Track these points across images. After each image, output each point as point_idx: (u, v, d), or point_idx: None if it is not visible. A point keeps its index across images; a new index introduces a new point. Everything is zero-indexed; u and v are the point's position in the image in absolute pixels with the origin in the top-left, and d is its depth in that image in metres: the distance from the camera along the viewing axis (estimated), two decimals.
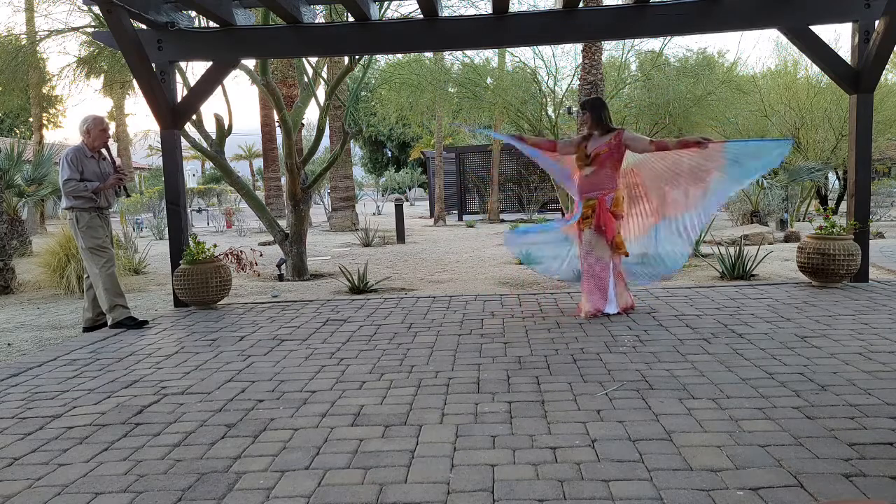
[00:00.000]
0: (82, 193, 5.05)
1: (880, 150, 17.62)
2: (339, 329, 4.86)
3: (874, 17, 5.65)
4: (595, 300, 4.90)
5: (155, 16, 5.64)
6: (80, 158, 5.10)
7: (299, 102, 8.64)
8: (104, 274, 5.08)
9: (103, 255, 5.12)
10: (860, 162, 5.93)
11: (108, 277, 5.10)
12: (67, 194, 5.05)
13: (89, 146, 5.16)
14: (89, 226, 5.09)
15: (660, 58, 14.84)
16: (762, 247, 8.52)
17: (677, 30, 6.11)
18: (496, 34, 6.02)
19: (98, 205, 5.15)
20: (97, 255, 5.10)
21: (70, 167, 5.04)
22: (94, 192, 5.09)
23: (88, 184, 5.08)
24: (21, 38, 13.88)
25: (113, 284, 5.14)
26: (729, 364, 3.58)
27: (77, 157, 5.08)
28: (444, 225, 18.43)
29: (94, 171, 5.16)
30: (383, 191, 38.33)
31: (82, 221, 5.08)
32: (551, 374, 3.51)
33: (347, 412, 3.05)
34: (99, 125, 5.19)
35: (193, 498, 2.26)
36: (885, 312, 4.70)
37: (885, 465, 2.30)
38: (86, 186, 5.06)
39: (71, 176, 5.02)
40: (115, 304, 5.13)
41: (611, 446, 2.54)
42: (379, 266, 8.97)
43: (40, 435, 2.91)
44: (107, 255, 5.15)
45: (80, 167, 5.07)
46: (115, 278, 5.20)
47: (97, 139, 5.18)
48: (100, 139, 5.21)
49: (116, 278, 5.22)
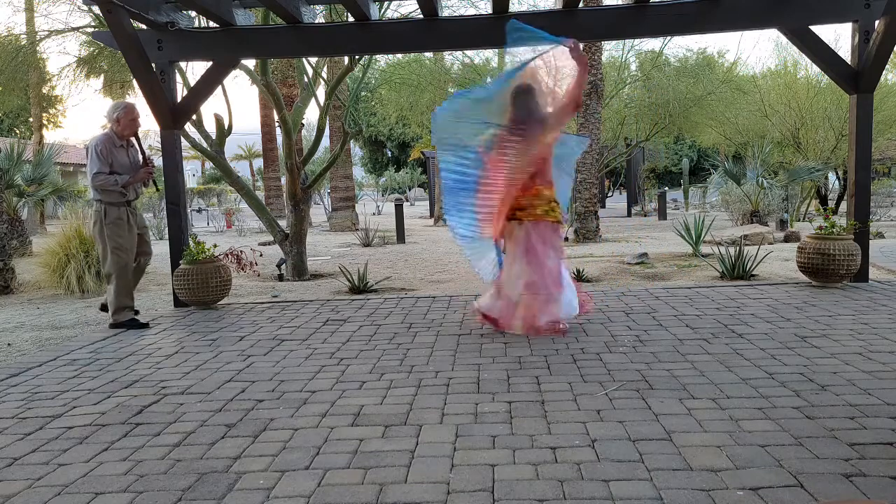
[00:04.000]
0: (112, 187, 4.83)
1: (880, 150, 17.63)
2: (339, 329, 4.86)
3: (874, 17, 5.65)
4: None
5: (155, 16, 5.64)
6: (110, 149, 4.85)
7: (299, 102, 8.65)
8: (119, 275, 4.98)
9: (122, 256, 4.98)
10: (860, 162, 5.93)
11: (121, 279, 4.99)
12: (96, 188, 4.84)
13: (118, 134, 4.93)
14: (116, 223, 4.91)
15: (660, 58, 14.86)
16: (762, 247, 8.52)
17: (677, 30, 6.10)
18: (496, 34, 5.98)
19: (127, 198, 4.95)
20: (116, 254, 4.95)
21: (99, 159, 4.80)
22: (123, 186, 4.87)
23: (118, 177, 4.85)
24: (21, 38, 13.86)
25: (124, 286, 5.04)
26: (729, 364, 3.58)
27: (107, 148, 4.84)
28: (444, 225, 18.42)
29: (124, 163, 4.93)
30: (383, 191, 38.32)
31: (110, 217, 4.89)
32: (551, 374, 3.51)
33: (347, 412, 3.05)
34: (130, 113, 4.95)
35: (193, 498, 2.26)
36: (885, 312, 4.70)
37: (885, 465, 2.30)
38: (115, 180, 4.83)
39: (100, 169, 4.79)
40: (122, 305, 5.05)
41: (611, 446, 2.54)
42: (379, 266, 8.97)
43: (40, 435, 2.91)
44: (125, 258, 5.00)
45: (109, 159, 4.83)
46: (129, 281, 5.08)
47: (127, 128, 4.95)
48: (129, 128, 4.97)
49: (130, 280, 5.10)
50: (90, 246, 7.27)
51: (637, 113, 15.65)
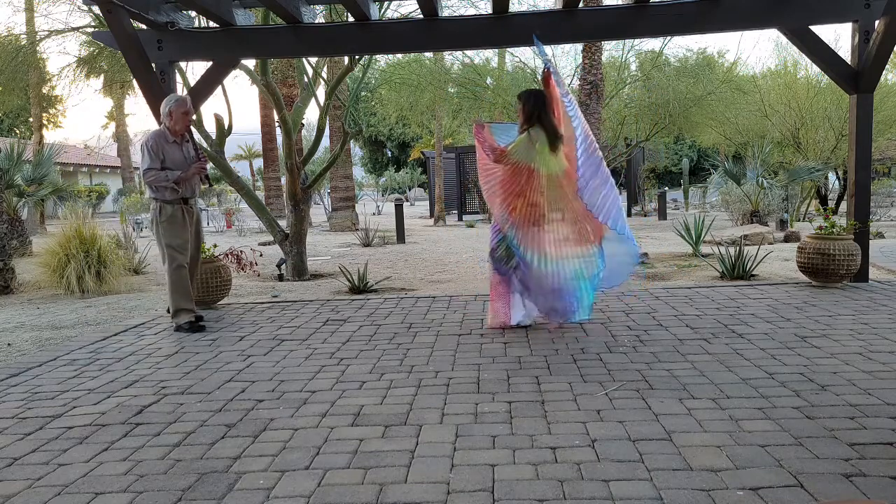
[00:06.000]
0: (164, 184, 4.72)
1: (880, 150, 17.63)
2: (339, 329, 4.86)
3: (874, 17, 5.65)
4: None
5: (155, 16, 5.64)
6: (161, 145, 4.73)
7: (299, 102, 8.64)
8: (173, 275, 4.86)
9: (176, 256, 4.84)
10: (860, 162, 5.93)
11: (175, 279, 4.86)
12: (148, 185, 4.75)
13: (171, 130, 4.80)
14: (170, 221, 4.80)
15: (660, 58, 14.84)
16: (762, 247, 8.52)
17: (677, 30, 6.10)
18: (496, 34, 6.02)
19: (182, 195, 4.84)
20: (170, 253, 4.84)
21: (150, 155, 4.69)
22: (175, 182, 4.75)
23: (170, 173, 4.73)
24: (21, 38, 13.87)
25: (180, 287, 4.88)
26: (729, 364, 3.58)
27: (158, 144, 4.72)
28: (444, 225, 18.42)
29: (177, 159, 4.80)
30: (383, 191, 38.30)
31: (164, 214, 4.80)
32: (551, 374, 3.51)
33: (347, 412, 3.05)
34: (181, 107, 4.81)
35: (193, 498, 2.26)
36: (885, 312, 4.70)
37: (885, 465, 2.30)
38: (167, 176, 4.71)
39: (151, 165, 4.68)
40: (179, 307, 4.92)
41: (611, 446, 2.54)
42: (379, 266, 8.96)
43: (40, 435, 2.91)
44: (179, 258, 4.86)
45: (160, 155, 4.72)
46: (184, 281, 4.91)
47: (179, 122, 4.79)
48: (181, 122, 4.81)
49: (185, 281, 4.92)
50: (90, 246, 7.27)
51: (637, 113, 15.64)
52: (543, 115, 4.38)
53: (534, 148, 4.32)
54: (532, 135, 4.34)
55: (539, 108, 4.38)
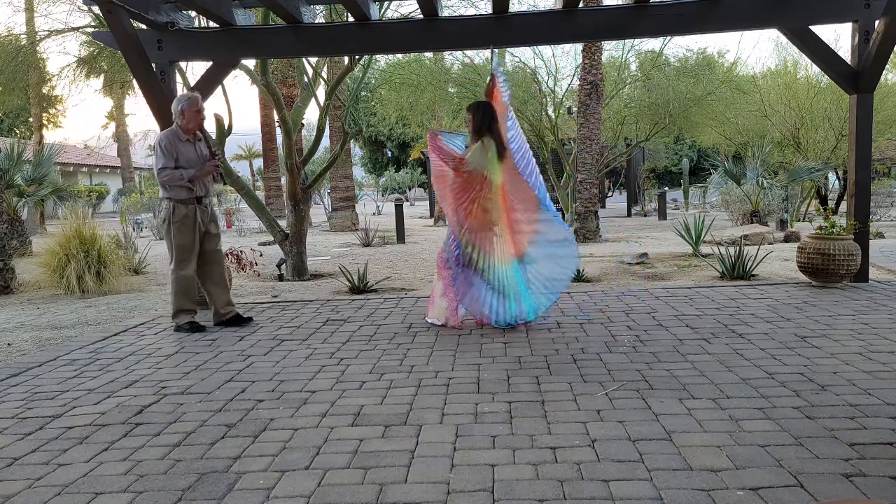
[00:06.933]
0: (178, 183, 4.70)
1: (880, 150, 17.64)
2: (339, 329, 4.86)
3: (874, 17, 5.65)
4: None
5: (155, 16, 5.64)
6: (174, 143, 4.72)
7: (299, 102, 8.64)
8: (177, 275, 4.85)
9: (182, 257, 4.83)
10: (860, 162, 5.93)
11: (179, 280, 4.86)
12: (162, 184, 4.73)
13: (183, 129, 4.79)
14: (183, 222, 4.77)
15: (660, 58, 14.83)
16: (762, 247, 8.52)
17: (677, 30, 6.10)
18: (496, 34, 6.02)
19: (196, 194, 4.81)
20: (178, 254, 4.82)
21: (164, 154, 4.66)
22: (189, 181, 4.73)
23: (185, 172, 4.71)
24: (21, 38, 13.87)
25: (183, 288, 4.89)
26: (729, 364, 3.58)
27: (171, 143, 4.70)
28: (444, 225, 18.42)
29: (191, 157, 4.78)
30: (383, 191, 38.29)
31: (177, 214, 4.76)
32: (551, 374, 3.51)
33: (347, 412, 3.05)
34: (193, 105, 4.80)
35: (193, 498, 2.26)
36: (885, 312, 4.70)
37: (885, 465, 2.30)
38: (181, 175, 4.69)
39: (165, 164, 4.65)
40: (179, 307, 4.92)
41: (611, 446, 2.54)
42: (379, 266, 8.96)
43: (40, 435, 2.91)
44: (186, 260, 4.84)
45: (174, 153, 4.70)
46: (188, 282, 4.90)
47: (191, 120, 4.79)
48: (194, 120, 4.80)
49: (189, 282, 4.91)
50: (90, 246, 7.27)
51: (637, 113, 15.62)
52: (493, 126, 4.62)
53: (486, 157, 4.58)
54: (485, 144, 4.59)
55: (489, 119, 4.64)
